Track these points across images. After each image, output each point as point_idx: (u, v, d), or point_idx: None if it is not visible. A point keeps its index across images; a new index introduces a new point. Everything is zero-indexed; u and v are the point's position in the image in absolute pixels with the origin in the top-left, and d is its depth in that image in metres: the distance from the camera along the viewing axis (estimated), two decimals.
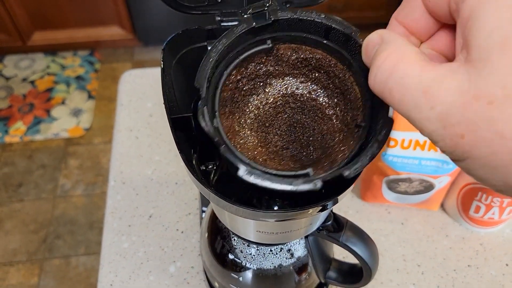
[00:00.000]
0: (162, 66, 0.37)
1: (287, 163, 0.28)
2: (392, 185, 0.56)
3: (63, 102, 1.82)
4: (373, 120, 0.24)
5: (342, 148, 0.26)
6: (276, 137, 0.29)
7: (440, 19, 0.20)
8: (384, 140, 0.23)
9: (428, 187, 0.55)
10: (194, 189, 0.62)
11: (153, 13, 1.83)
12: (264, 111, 0.29)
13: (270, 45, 0.26)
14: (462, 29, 0.17)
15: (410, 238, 0.58)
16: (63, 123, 1.74)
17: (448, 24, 0.20)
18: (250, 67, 0.27)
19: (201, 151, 0.38)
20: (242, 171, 0.22)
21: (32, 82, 1.89)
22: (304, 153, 0.28)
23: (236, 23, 0.40)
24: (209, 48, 0.39)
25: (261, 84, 0.28)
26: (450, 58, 0.21)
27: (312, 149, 0.28)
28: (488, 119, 0.15)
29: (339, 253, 0.53)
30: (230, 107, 0.27)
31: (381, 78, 0.19)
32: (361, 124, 0.25)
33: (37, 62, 1.96)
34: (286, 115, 0.29)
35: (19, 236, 1.45)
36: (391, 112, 0.23)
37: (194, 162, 0.36)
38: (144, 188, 0.62)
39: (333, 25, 0.25)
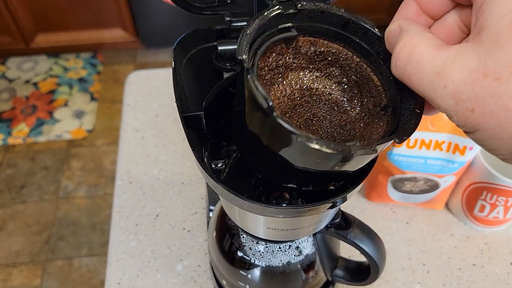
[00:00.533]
0: (173, 65, 0.38)
1: None
2: (398, 184, 0.57)
3: (65, 104, 1.82)
4: (402, 99, 0.25)
5: (375, 129, 0.27)
6: None
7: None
8: (422, 105, 0.24)
9: (433, 186, 0.56)
10: (200, 189, 0.63)
11: (155, 16, 1.83)
12: (283, 102, 0.29)
13: (295, 34, 0.27)
14: (476, 12, 0.18)
15: (415, 237, 0.58)
16: (66, 125, 1.75)
17: (461, 4, 0.22)
18: (272, 56, 0.28)
19: (212, 150, 0.39)
20: (301, 138, 0.21)
21: (35, 84, 1.89)
22: None
23: (245, 23, 0.41)
24: (224, 48, 0.39)
25: (280, 75, 0.29)
26: (458, 38, 0.23)
27: (332, 140, 0.29)
28: (495, 94, 0.17)
29: (345, 252, 0.53)
30: None
31: (400, 65, 0.21)
32: (388, 105, 0.26)
33: (40, 64, 1.97)
34: (302, 109, 0.29)
35: (22, 237, 1.45)
36: None
37: (205, 160, 0.36)
38: (151, 187, 0.63)
39: (352, 19, 0.26)
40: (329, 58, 0.28)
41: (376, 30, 0.26)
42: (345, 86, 0.29)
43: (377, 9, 1.95)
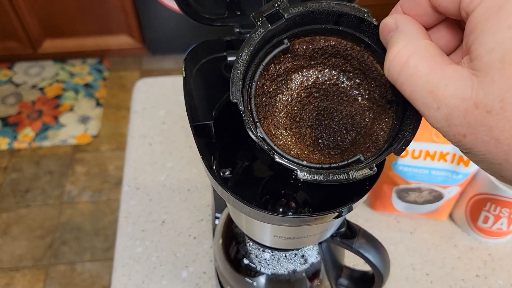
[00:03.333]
0: (184, 75, 0.39)
1: (327, 152, 0.28)
2: (402, 195, 0.57)
3: (71, 109, 1.84)
4: None
5: (381, 126, 0.27)
6: (308, 129, 0.29)
7: (447, 16, 0.21)
8: None
9: (437, 197, 0.56)
10: (206, 196, 0.63)
11: (162, 23, 1.85)
12: (292, 107, 0.29)
13: (288, 44, 0.27)
14: (467, 37, 0.18)
15: (419, 247, 0.59)
16: (71, 130, 1.76)
17: (450, 18, 0.21)
18: (271, 69, 0.28)
19: (220, 158, 0.40)
20: (302, 174, 0.24)
21: (41, 89, 1.91)
22: (339, 138, 0.29)
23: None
24: (233, 59, 0.40)
25: (283, 82, 0.29)
26: (447, 50, 0.23)
27: (345, 132, 0.29)
28: (486, 125, 0.17)
29: (349, 261, 0.53)
30: (263, 112, 0.28)
31: (394, 72, 0.20)
32: (393, 99, 0.26)
33: (47, 69, 1.99)
34: (312, 106, 0.29)
35: (25, 241, 1.46)
36: None
37: (214, 167, 0.37)
38: (157, 194, 0.63)
39: (344, 11, 0.25)
40: (329, 52, 0.28)
41: (371, 18, 0.25)
42: (351, 74, 0.28)
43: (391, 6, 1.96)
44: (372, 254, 0.40)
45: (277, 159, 0.24)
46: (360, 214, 0.62)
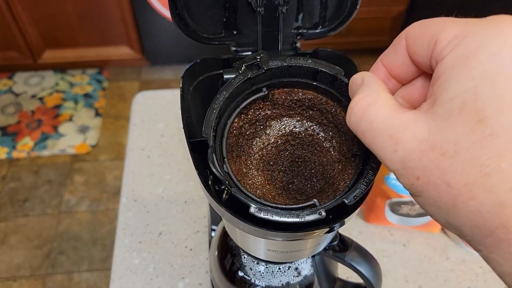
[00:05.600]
0: (181, 92, 0.40)
1: (294, 196, 0.30)
2: (395, 208, 0.58)
3: (70, 119, 1.85)
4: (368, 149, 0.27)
5: (343, 177, 0.28)
6: (281, 173, 0.31)
7: (421, 68, 0.22)
8: (377, 166, 0.26)
9: None
10: (202, 208, 0.64)
11: (161, 34, 1.88)
12: (267, 151, 0.31)
13: (266, 92, 0.29)
14: (433, 84, 0.19)
15: (412, 260, 0.60)
16: (70, 140, 1.77)
17: (427, 72, 0.23)
18: (250, 113, 0.30)
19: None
20: (253, 209, 0.25)
21: (41, 99, 1.93)
22: (309, 185, 0.31)
23: (250, 53, 0.43)
24: (229, 77, 0.42)
25: (262, 127, 0.31)
26: (418, 103, 0.23)
27: (315, 180, 0.31)
28: (439, 168, 0.18)
29: (343, 273, 0.54)
30: (237, 151, 0.30)
31: (355, 119, 0.21)
32: (357, 153, 0.28)
33: (46, 79, 2.01)
34: (287, 152, 0.31)
35: (23, 251, 1.46)
36: None
37: (210, 182, 0.38)
38: (155, 206, 0.64)
39: (320, 68, 0.28)
40: (307, 104, 0.30)
41: (344, 77, 0.27)
42: (325, 127, 0.31)
43: (378, 32, 1.99)
44: (364, 267, 0.41)
45: (233, 192, 0.26)
46: (354, 226, 0.63)
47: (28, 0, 1.72)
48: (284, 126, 0.31)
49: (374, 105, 0.21)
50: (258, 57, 0.28)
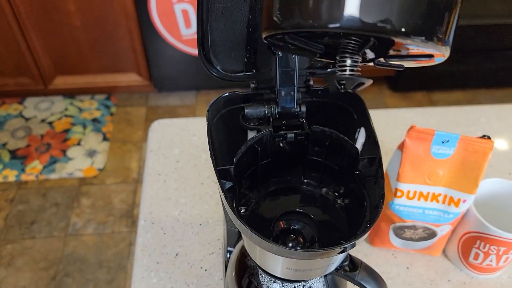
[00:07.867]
0: (208, 125, 0.45)
1: None
2: (399, 232, 0.62)
3: (78, 143, 1.90)
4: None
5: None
6: None
7: None
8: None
9: (431, 234, 0.61)
10: (217, 230, 0.68)
11: (168, 62, 1.95)
12: None
13: None
14: None
15: (415, 282, 0.63)
16: (78, 163, 1.82)
17: None
18: None
19: (238, 197, 0.45)
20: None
21: (50, 123, 1.98)
22: None
23: (268, 91, 0.48)
24: (249, 111, 0.46)
25: None
26: None
27: None
28: None
29: None
30: None
31: None
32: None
33: (56, 104, 2.07)
34: None
35: (29, 273, 1.48)
36: None
37: (234, 205, 0.42)
38: (171, 228, 0.68)
39: None
40: None
41: None
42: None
43: None
44: (373, 285, 0.45)
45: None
46: (360, 249, 0.67)
47: (42, 28, 1.80)
48: None
49: None
50: None
